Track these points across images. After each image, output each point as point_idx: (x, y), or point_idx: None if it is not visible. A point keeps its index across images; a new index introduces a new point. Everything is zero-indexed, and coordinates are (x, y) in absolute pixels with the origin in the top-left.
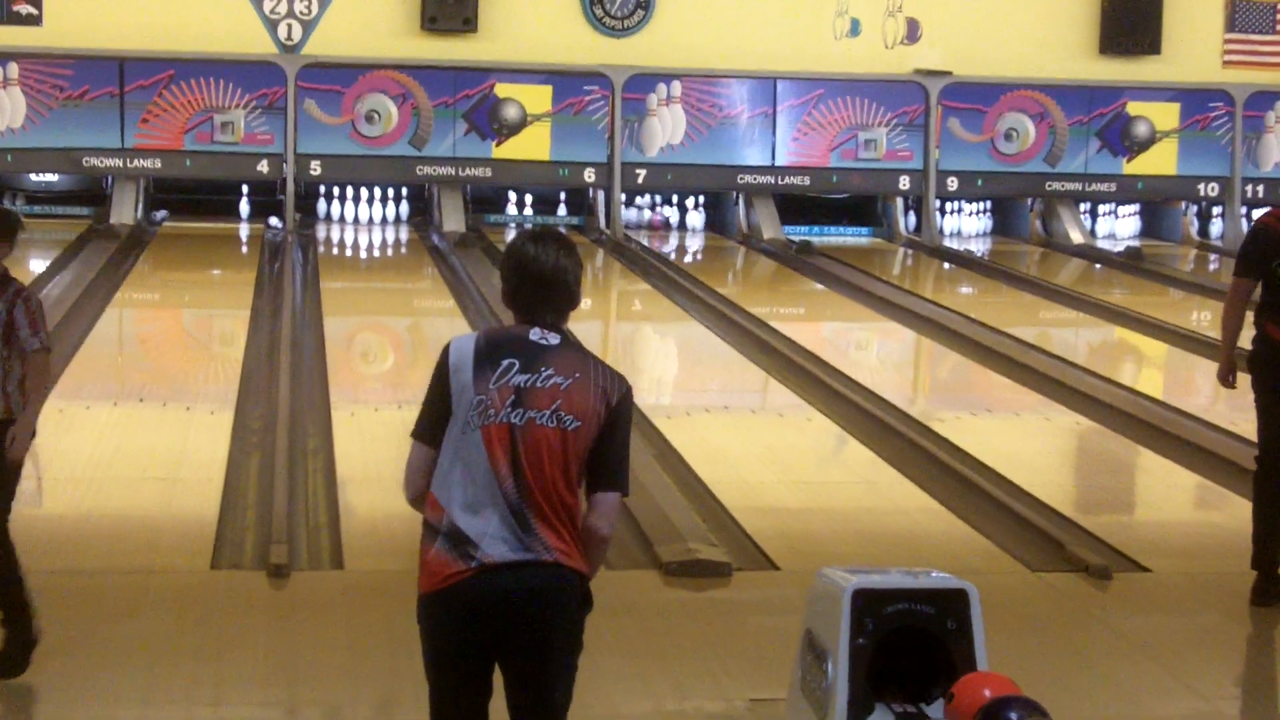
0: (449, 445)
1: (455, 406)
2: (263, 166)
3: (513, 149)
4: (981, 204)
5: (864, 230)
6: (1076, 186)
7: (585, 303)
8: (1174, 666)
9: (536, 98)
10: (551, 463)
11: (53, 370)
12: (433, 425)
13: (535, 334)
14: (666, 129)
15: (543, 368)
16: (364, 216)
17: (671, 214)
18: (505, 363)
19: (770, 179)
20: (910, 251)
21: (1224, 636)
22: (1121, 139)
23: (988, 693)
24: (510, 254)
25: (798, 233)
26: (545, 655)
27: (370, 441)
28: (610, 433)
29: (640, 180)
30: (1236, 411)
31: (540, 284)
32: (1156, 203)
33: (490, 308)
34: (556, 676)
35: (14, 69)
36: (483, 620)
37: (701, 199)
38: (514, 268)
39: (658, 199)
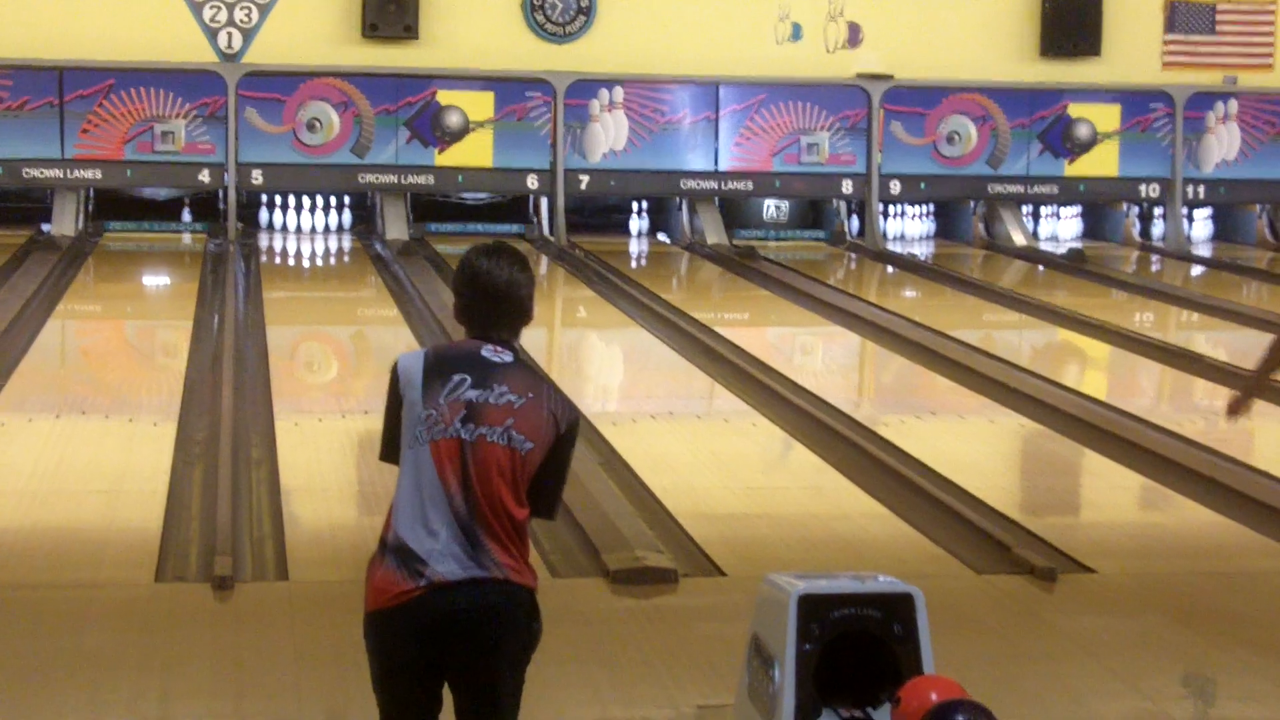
0: (400, 461)
1: (404, 421)
2: (204, 176)
3: (455, 156)
4: (924, 207)
5: (820, 234)
6: (1019, 189)
7: None
8: (1119, 667)
9: (478, 104)
10: (501, 479)
11: None
12: (394, 445)
13: (487, 350)
14: (609, 135)
15: (496, 384)
16: (306, 225)
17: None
18: (456, 378)
19: (714, 184)
20: (854, 255)
21: (1169, 637)
22: (1063, 141)
23: (934, 696)
24: (463, 268)
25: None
26: (495, 671)
27: (314, 452)
28: (553, 459)
29: (584, 186)
30: (1180, 413)
31: (493, 298)
32: (1098, 204)
33: (434, 316)
34: (505, 691)
35: None
36: (433, 638)
37: (645, 205)
38: (466, 282)
39: None
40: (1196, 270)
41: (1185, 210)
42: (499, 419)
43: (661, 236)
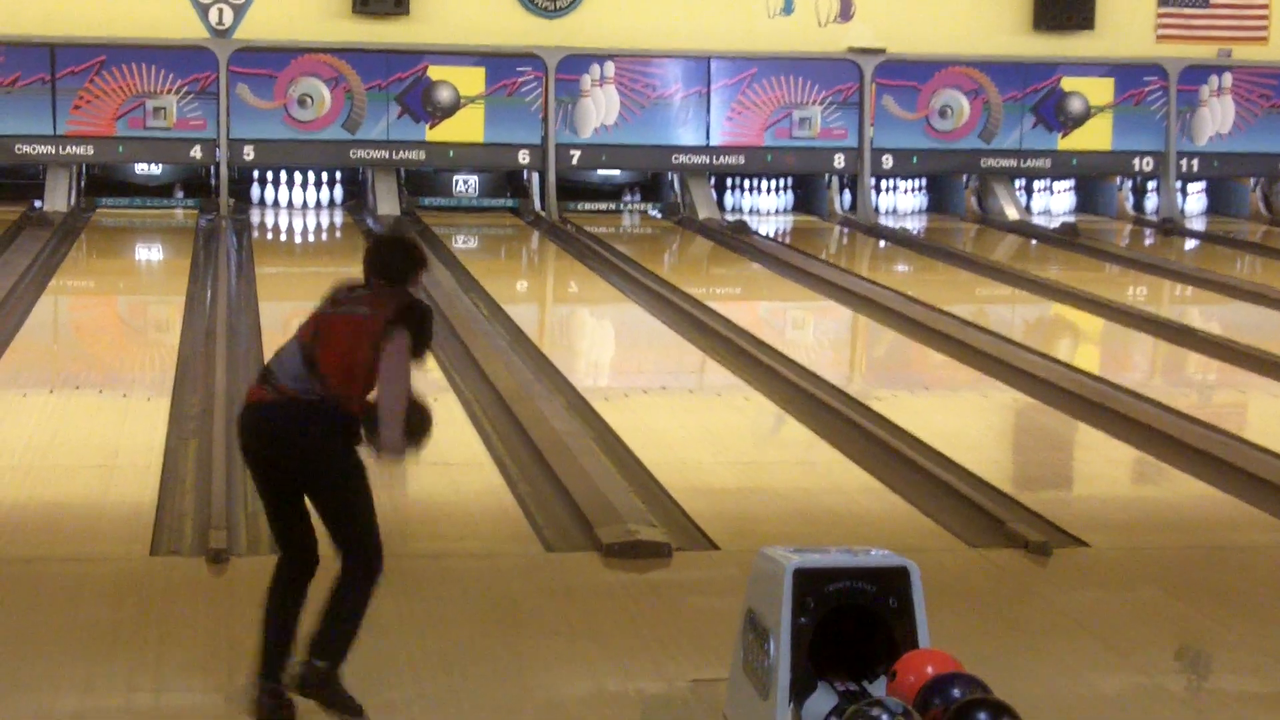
0: None
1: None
2: (195, 152)
3: (446, 131)
4: (916, 181)
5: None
6: (1011, 163)
7: (522, 285)
8: (1114, 641)
9: (469, 80)
10: (350, 337)
11: None
12: None
13: (371, 284)
14: (600, 110)
15: (369, 295)
16: (298, 201)
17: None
18: (346, 293)
19: (705, 159)
20: (846, 230)
21: (1163, 611)
22: (1056, 114)
23: (930, 670)
24: (368, 249)
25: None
26: (314, 467)
27: None
28: (392, 331)
29: (575, 161)
30: (1174, 386)
31: (381, 272)
32: (1091, 178)
33: (427, 291)
34: (327, 488)
35: None
36: (270, 431)
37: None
38: (367, 259)
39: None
40: (1190, 244)
41: (1179, 184)
42: (360, 305)
43: (653, 211)
